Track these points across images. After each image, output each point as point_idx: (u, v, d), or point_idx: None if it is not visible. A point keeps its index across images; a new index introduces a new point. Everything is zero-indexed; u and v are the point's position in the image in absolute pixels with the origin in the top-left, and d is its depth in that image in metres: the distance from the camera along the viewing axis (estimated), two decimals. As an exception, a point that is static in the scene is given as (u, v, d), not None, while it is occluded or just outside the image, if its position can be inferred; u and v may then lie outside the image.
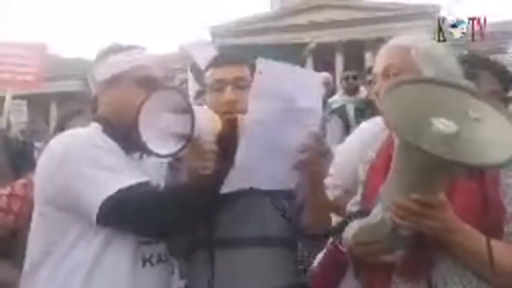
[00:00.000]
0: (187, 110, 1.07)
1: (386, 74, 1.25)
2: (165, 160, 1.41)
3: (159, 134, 1.12)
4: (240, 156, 1.14)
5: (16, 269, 1.69)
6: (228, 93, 1.31)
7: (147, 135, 1.11)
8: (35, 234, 1.28)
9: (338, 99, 4.55)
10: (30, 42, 5.43)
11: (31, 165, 2.09)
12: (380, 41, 1.41)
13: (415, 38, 1.30)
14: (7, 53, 5.11)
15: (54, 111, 22.94)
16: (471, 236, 1.07)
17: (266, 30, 16.28)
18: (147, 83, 1.31)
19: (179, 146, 1.09)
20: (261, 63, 1.11)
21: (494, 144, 0.95)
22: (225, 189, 1.17)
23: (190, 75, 4.68)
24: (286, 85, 1.13)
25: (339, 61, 24.20)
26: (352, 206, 1.40)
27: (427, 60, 1.22)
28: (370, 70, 3.20)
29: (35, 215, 1.29)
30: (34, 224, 1.29)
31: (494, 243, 1.02)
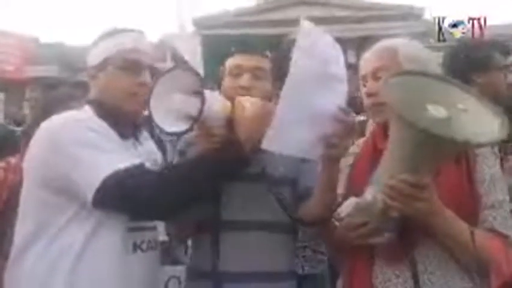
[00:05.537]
0: (198, 92, 1.08)
1: (375, 75, 1.29)
2: (157, 149, 1.42)
3: (168, 113, 1.12)
4: (277, 116, 1.13)
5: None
6: (245, 80, 1.32)
7: (157, 112, 1.11)
8: (24, 217, 1.26)
9: None
10: (17, 33, 5.28)
11: (15, 151, 2.03)
12: (363, 40, 1.48)
13: (401, 41, 1.38)
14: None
15: (28, 96, 22.34)
16: (452, 220, 1.14)
17: (250, 23, 16.20)
18: (132, 67, 1.29)
19: (187, 125, 1.10)
20: (301, 28, 1.14)
21: (477, 129, 1.06)
22: (264, 147, 1.17)
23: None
24: (321, 47, 1.16)
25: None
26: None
27: (414, 62, 1.28)
28: (350, 66, 3.25)
29: (24, 198, 1.27)
30: (22, 208, 1.27)
31: (472, 229, 1.10)
